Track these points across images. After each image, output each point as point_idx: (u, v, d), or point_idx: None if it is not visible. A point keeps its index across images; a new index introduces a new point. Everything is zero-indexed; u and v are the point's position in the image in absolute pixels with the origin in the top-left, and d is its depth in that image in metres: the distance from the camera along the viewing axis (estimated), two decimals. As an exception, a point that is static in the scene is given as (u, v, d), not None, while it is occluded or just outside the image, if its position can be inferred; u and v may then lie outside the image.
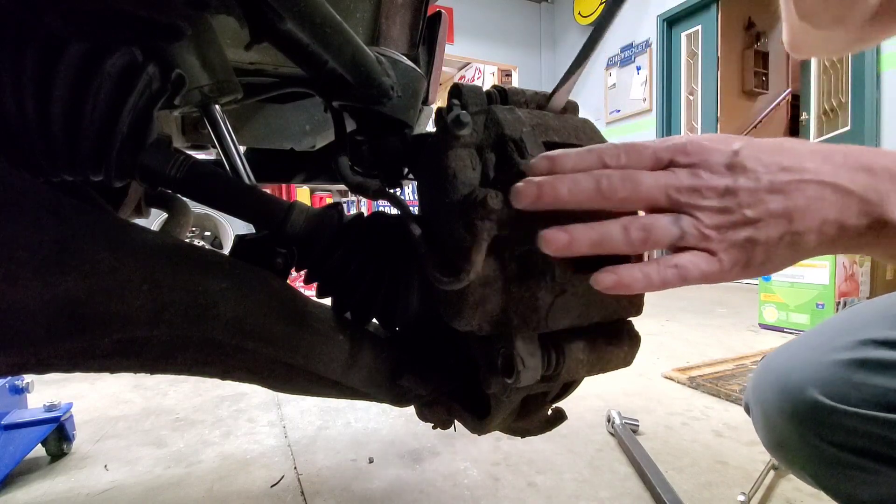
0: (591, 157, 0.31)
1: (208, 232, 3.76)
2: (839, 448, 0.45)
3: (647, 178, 0.29)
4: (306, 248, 0.45)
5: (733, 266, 0.29)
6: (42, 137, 0.35)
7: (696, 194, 0.29)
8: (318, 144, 0.98)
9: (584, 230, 0.28)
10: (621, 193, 0.29)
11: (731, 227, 0.29)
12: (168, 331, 0.36)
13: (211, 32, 0.46)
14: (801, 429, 0.47)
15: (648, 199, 0.29)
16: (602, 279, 0.29)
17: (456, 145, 0.34)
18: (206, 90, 0.46)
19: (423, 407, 0.53)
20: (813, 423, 0.46)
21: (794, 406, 0.47)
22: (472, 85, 0.40)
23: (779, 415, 0.50)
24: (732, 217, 0.29)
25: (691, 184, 0.29)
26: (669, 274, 0.28)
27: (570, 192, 0.29)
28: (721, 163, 0.30)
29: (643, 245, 0.29)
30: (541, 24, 6.39)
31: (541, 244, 0.29)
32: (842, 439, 0.44)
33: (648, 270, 0.29)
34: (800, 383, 0.47)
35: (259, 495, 0.94)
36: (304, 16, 0.34)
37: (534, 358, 0.34)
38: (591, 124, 0.39)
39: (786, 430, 0.49)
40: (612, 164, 0.30)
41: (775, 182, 0.29)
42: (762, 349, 1.98)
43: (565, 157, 0.31)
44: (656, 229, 0.29)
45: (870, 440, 0.43)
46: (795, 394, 0.47)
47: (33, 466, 1.08)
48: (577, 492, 0.93)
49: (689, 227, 0.29)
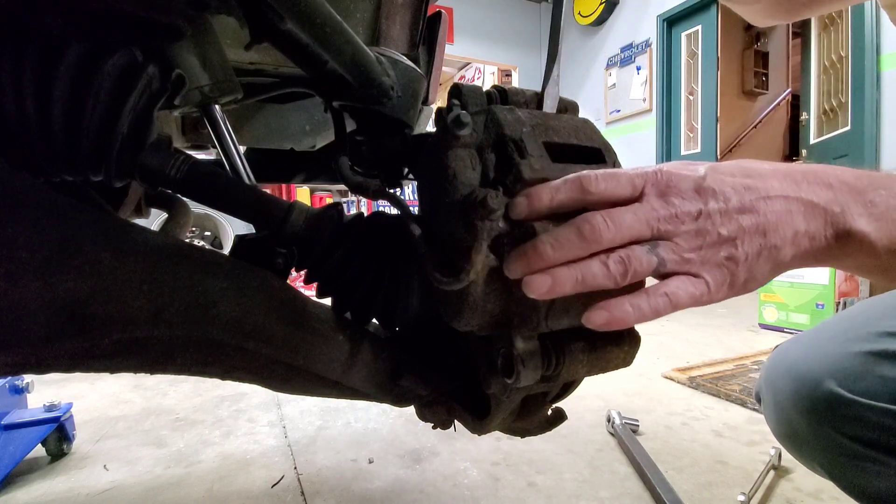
0: (569, 186, 0.31)
1: (208, 232, 3.76)
2: (854, 440, 0.45)
3: (627, 215, 0.30)
4: (306, 248, 0.45)
5: (720, 286, 0.30)
6: (42, 137, 0.35)
7: (672, 221, 0.30)
8: (318, 144, 0.98)
9: (566, 272, 0.29)
10: (606, 235, 0.30)
11: (710, 247, 0.30)
12: (168, 331, 0.36)
13: (211, 32, 0.46)
14: (816, 420, 0.47)
15: (632, 236, 0.30)
16: (594, 318, 0.29)
17: (456, 145, 0.34)
18: (206, 90, 0.46)
19: (423, 407, 0.53)
20: (829, 415, 0.46)
21: (810, 397, 0.47)
22: (472, 85, 0.40)
23: (793, 406, 0.50)
24: (709, 238, 0.30)
25: (667, 213, 0.30)
26: (660, 303, 0.29)
27: (555, 250, 0.30)
28: (690, 188, 0.31)
29: (625, 277, 0.29)
30: (541, 24, 6.39)
31: (525, 289, 0.29)
32: (858, 431, 0.45)
33: (638, 302, 0.29)
34: (816, 374, 0.47)
35: (259, 495, 0.94)
36: (305, 16, 0.34)
37: (534, 358, 0.34)
38: (591, 124, 0.39)
39: (799, 420, 0.49)
40: (592, 189, 0.31)
41: (744, 200, 0.30)
42: (762, 349, 1.98)
43: (542, 191, 0.31)
44: (634, 260, 0.29)
45: (887, 433, 0.43)
46: (811, 385, 0.47)
47: (33, 466, 1.08)
48: (577, 492, 0.93)
49: (668, 254, 0.30)
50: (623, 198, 0.31)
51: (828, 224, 0.31)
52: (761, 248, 0.30)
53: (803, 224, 0.31)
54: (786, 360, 0.52)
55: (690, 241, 0.30)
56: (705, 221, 0.30)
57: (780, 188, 0.31)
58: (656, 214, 0.30)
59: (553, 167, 0.34)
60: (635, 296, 0.30)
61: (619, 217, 0.30)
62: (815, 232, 0.31)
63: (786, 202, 0.31)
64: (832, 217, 0.31)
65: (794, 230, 0.31)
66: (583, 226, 0.30)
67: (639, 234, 0.30)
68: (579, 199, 0.31)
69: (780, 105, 5.67)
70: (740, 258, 0.30)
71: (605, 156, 0.38)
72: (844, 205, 0.31)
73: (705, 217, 0.30)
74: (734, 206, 0.30)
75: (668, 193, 0.31)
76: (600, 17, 5.34)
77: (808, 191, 0.31)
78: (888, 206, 0.31)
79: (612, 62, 5.37)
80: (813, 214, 0.31)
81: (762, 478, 0.94)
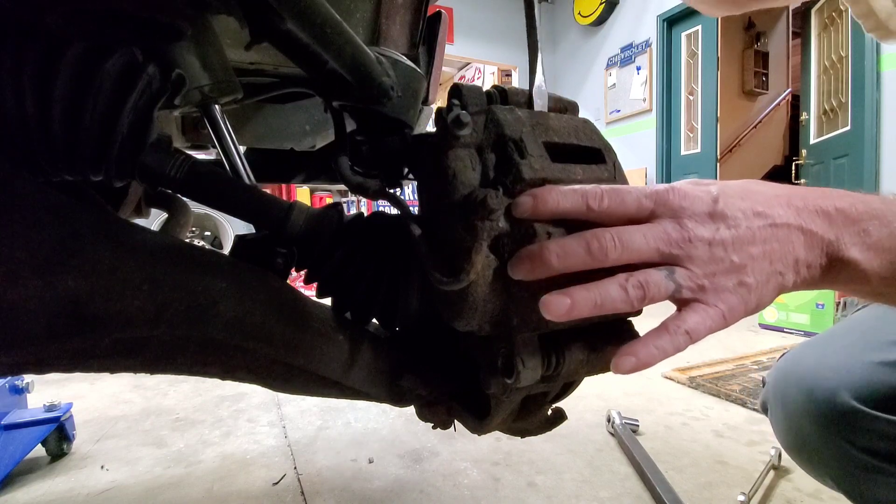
0: (575, 196, 0.31)
1: (208, 232, 3.76)
2: (867, 453, 0.45)
3: (637, 236, 0.30)
4: (306, 249, 0.45)
5: (734, 313, 0.30)
6: (42, 137, 0.35)
7: (685, 246, 0.30)
8: (318, 144, 0.98)
9: (584, 294, 0.29)
10: (612, 255, 0.30)
11: (723, 274, 0.30)
12: (168, 331, 0.36)
13: (211, 32, 0.46)
14: (829, 432, 0.47)
15: (640, 258, 0.30)
16: (623, 364, 0.29)
17: (456, 145, 0.34)
18: (206, 90, 0.45)
19: (423, 407, 0.53)
20: (842, 427, 0.46)
21: (824, 409, 0.47)
22: (472, 85, 0.40)
23: (805, 416, 0.49)
24: (723, 265, 0.30)
25: (679, 236, 0.30)
26: (681, 341, 0.30)
27: (560, 260, 0.30)
28: (704, 211, 0.31)
29: (641, 303, 0.30)
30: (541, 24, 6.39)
31: (542, 310, 0.29)
32: (872, 444, 0.44)
33: (662, 344, 0.29)
34: (830, 385, 0.47)
35: (259, 495, 0.94)
36: (305, 16, 0.34)
37: (534, 358, 0.34)
38: (591, 124, 0.39)
39: (811, 431, 0.49)
40: (595, 206, 0.31)
41: (752, 227, 0.31)
42: (762, 349, 1.98)
43: (548, 194, 0.31)
44: (652, 285, 0.29)
45: None
46: (825, 396, 0.47)
47: (33, 466, 1.08)
48: (577, 492, 0.93)
49: (685, 280, 0.30)
50: (628, 217, 0.31)
51: (823, 253, 0.32)
52: (769, 275, 0.31)
53: (803, 252, 0.31)
54: (796, 369, 0.52)
55: (705, 268, 0.30)
56: (718, 248, 0.30)
57: (785, 215, 0.31)
58: (668, 238, 0.30)
59: (553, 167, 0.34)
60: (659, 336, 0.30)
61: (628, 238, 0.30)
62: (811, 260, 0.32)
63: (788, 231, 0.31)
64: (827, 246, 0.32)
65: (794, 258, 0.31)
66: (591, 241, 0.30)
67: (647, 257, 0.30)
68: (583, 213, 0.32)
69: (780, 105, 5.67)
70: (751, 285, 0.30)
71: (605, 156, 0.38)
72: (839, 234, 0.32)
73: (718, 244, 0.30)
74: (744, 232, 0.30)
75: (682, 215, 0.31)
76: (600, 17, 5.33)
77: (807, 219, 0.32)
78: (881, 236, 0.32)
79: (612, 62, 5.37)
80: (811, 244, 0.32)
81: (762, 478, 0.94)
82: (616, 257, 0.30)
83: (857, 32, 3.28)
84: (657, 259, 0.30)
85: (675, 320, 0.30)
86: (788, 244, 0.31)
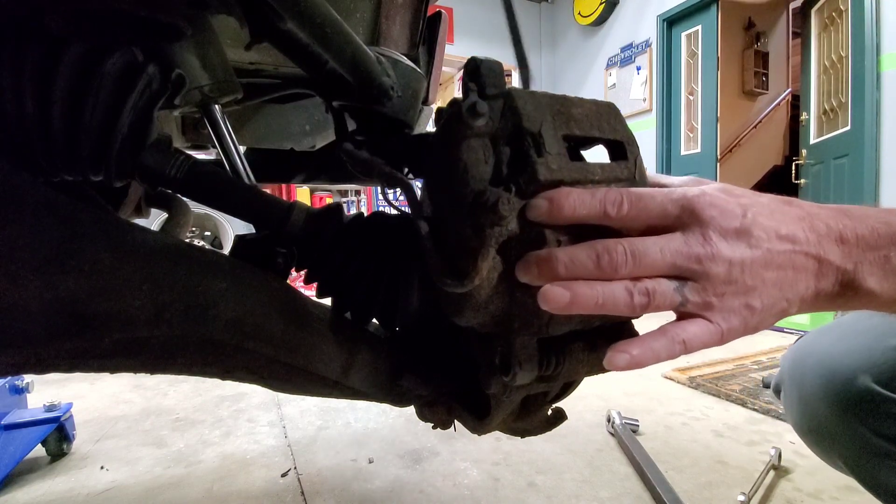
0: (593, 202, 0.30)
1: (208, 232, 3.76)
2: (884, 438, 0.45)
3: (653, 250, 0.29)
4: (306, 249, 0.45)
5: (732, 333, 0.30)
6: (42, 137, 0.35)
7: (705, 262, 0.29)
8: (318, 144, 0.98)
9: (587, 291, 0.28)
10: (622, 271, 0.29)
11: (732, 295, 0.29)
12: (168, 331, 0.36)
13: (211, 32, 0.46)
14: (847, 415, 0.47)
15: (652, 273, 0.29)
16: (616, 360, 0.29)
17: (469, 135, 0.31)
18: (206, 90, 0.46)
19: (423, 407, 0.53)
20: (860, 411, 0.46)
21: (842, 392, 0.47)
22: (492, 61, 0.34)
23: (821, 400, 0.49)
24: (735, 286, 0.29)
25: (702, 251, 0.29)
26: (676, 349, 0.29)
27: (568, 270, 0.29)
28: (732, 227, 0.30)
29: (644, 310, 0.29)
30: (541, 24, 6.39)
31: (540, 301, 0.29)
32: (891, 429, 0.44)
33: (657, 348, 0.29)
34: (849, 369, 0.47)
35: (259, 495, 0.94)
36: (305, 16, 0.34)
37: (531, 357, 0.34)
38: (616, 110, 0.37)
39: (828, 415, 0.49)
40: (613, 214, 0.30)
41: (773, 251, 0.30)
42: (762, 349, 1.98)
43: (566, 199, 0.30)
44: (659, 295, 0.29)
45: None
46: (844, 379, 0.47)
47: (33, 466, 1.08)
48: (577, 492, 0.93)
49: (693, 296, 0.29)
50: (650, 224, 0.30)
51: (836, 282, 0.31)
52: (776, 301, 0.30)
53: (814, 282, 0.31)
54: (814, 352, 0.51)
55: (717, 287, 0.29)
56: (737, 268, 0.29)
57: (805, 241, 0.30)
58: (688, 252, 0.29)
59: (571, 167, 0.32)
60: (655, 339, 0.29)
61: (641, 251, 0.29)
62: (823, 289, 0.31)
63: (805, 259, 0.30)
64: (842, 275, 0.31)
65: (805, 286, 0.31)
66: (602, 255, 0.29)
67: (661, 272, 0.29)
68: (601, 219, 0.30)
69: (780, 105, 5.67)
70: (757, 308, 0.30)
71: (627, 150, 0.35)
72: (858, 262, 0.31)
73: (738, 263, 0.29)
74: (763, 254, 0.30)
75: (709, 226, 0.29)
76: (600, 17, 5.33)
77: (827, 247, 0.31)
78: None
79: (612, 62, 5.37)
80: (826, 273, 0.31)
81: (762, 478, 0.94)
82: (627, 273, 0.29)
83: (858, 32, 3.28)
84: (671, 273, 0.29)
85: (674, 327, 0.30)
86: (803, 272, 0.30)
